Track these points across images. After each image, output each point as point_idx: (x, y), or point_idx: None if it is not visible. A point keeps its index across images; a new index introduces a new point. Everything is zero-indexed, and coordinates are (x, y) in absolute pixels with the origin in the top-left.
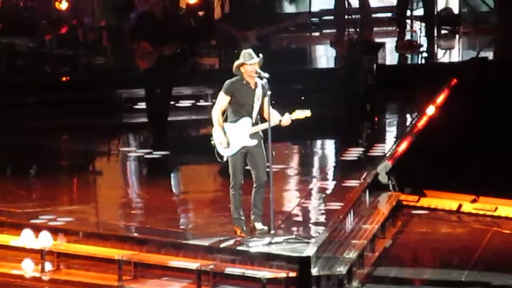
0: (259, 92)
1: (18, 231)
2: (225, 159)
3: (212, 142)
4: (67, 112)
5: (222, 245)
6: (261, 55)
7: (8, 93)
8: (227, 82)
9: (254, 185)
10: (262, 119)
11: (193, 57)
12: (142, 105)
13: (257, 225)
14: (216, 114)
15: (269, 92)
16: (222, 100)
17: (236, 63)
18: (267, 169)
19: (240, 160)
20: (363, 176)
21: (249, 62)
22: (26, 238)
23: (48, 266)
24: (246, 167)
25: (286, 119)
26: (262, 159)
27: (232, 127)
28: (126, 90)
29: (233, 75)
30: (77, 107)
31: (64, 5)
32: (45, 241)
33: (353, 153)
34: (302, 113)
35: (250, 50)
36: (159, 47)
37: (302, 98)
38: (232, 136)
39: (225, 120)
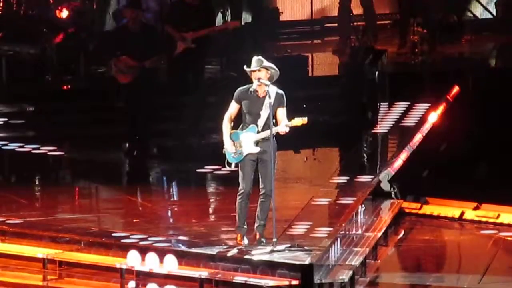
0: (268, 101)
1: (20, 240)
2: (233, 166)
3: (224, 150)
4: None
5: (224, 254)
6: (266, 63)
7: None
8: (237, 90)
9: (260, 193)
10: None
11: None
12: None
13: (258, 236)
14: (224, 121)
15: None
16: (231, 107)
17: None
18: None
19: (248, 168)
20: (365, 184)
21: (247, 69)
22: (133, 260)
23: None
24: None
25: (283, 127)
26: (269, 168)
27: (239, 135)
28: None
29: (234, 83)
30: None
31: (64, 13)
32: (152, 263)
33: (355, 161)
34: (300, 121)
35: (257, 58)
36: (140, 61)
37: (304, 106)
38: (239, 143)
39: (239, 128)
